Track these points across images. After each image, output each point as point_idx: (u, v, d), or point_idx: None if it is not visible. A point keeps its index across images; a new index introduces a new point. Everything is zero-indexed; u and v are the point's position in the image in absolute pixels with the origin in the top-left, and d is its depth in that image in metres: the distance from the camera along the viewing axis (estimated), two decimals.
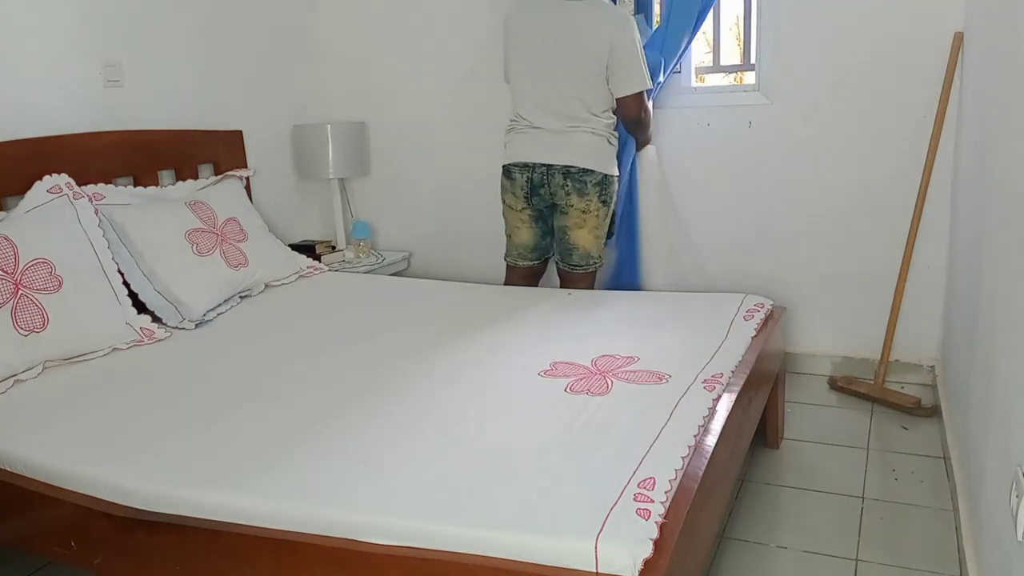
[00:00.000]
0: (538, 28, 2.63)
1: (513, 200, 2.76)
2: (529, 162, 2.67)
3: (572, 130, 2.64)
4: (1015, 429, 1.39)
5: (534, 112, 2.67)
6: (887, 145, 2.82)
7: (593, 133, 2.65)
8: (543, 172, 2.66)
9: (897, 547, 1.97)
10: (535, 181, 2.68)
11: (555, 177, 2.65)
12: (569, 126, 2.64)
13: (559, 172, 2.64)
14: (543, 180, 2.66)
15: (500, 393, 1.77)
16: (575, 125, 2.64)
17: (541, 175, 2.66)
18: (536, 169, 2.66)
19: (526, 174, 2.68)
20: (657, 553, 1.20)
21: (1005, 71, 1.78)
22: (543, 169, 2.66)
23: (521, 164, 2.69)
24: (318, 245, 3.27)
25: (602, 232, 2.75)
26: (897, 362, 2.95)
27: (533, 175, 2.67)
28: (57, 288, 2.07)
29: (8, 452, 1.67)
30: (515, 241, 2.84)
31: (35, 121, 2.38)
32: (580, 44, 2.57)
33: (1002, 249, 1.64)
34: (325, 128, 3.29)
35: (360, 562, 1.32)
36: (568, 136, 2.64)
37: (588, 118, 2.64)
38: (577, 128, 2.64)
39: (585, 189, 2.64)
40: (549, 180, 2.66)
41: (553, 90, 2.63)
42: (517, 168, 2.70)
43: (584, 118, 2.64)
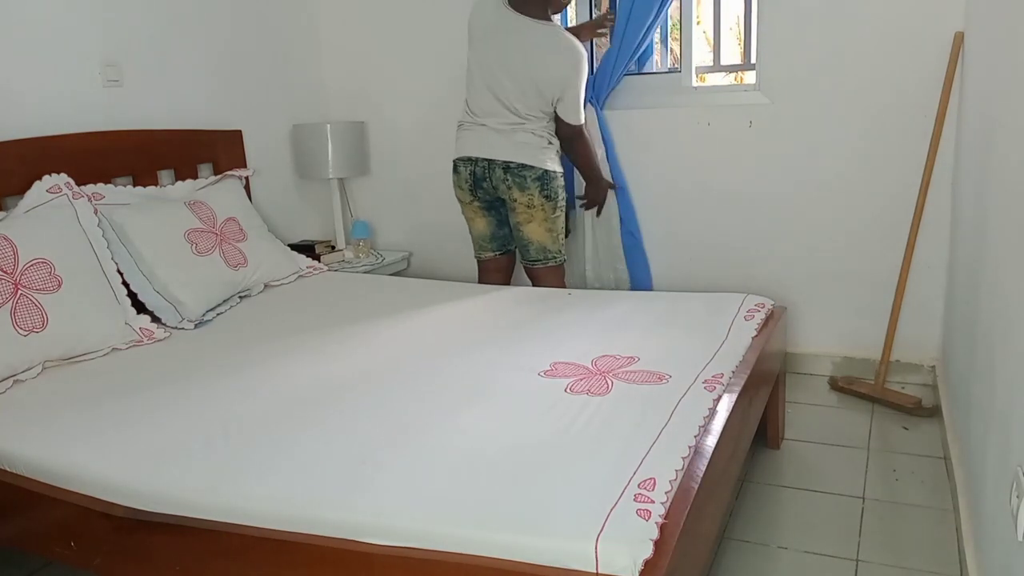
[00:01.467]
0: (498, 38, 2.76)
1: (461, 193, 2.89)
2: (472, 156, 2.80)
3: (514, 129, 2.76)
4: (1015, 429, 1.39)
5: (482, 110, 2.80)
6: (887, 145, 2.82)
7: (533, 133, 2.77)
8: (484, 166, 2.78)
9: (897, 547, 1.97)
10: (477, 175, 2.80)
11: (496, 171, 2.77)
12: (511, 125, 2.76)
13: (499, 167, 2.77)
14: (485, 174, 2.79)
15: (500, 393, 1.77)
16: (517, 124, 2.76)
17: (483, 169, 2.79)
18: (479, 163, 2.79)
19: (469, 167, 2.81)
20: (657, 554, 1.20)
21: (1005, 71, 1.78)
22: (485, 163, 2.78)
23: (465, 158, 2.82)
24: (317, 245, 3.27)
25: (555, 227, 2.85)
26: (897, 362, 2.95)
27: (476, 168, 2.80)
28: (57, 288, 2.07)
29: (8, 452, 1.67)
30: (473, 233, 2.98)
31: (35, 121, 2.38)
32: (534, 70, 2.70)
33: (1002, 249, 1.64)
34: (325, 128, 3.29)
35: (360, 562, 1.32)
36: (509, 134, 2.76)
37: (529, 119, 2.76)
38: (519, 127, 2.76)
39: (525, 183, 2.75)
40: (491, 174, 2.78)
41: (501, 95, 2.75)
42: (462, 162, 2.83)
43: (525, 119, 2.76)
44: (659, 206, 3.15)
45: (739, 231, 3.08)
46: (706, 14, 3.40)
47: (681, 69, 3.11)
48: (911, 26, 2.70)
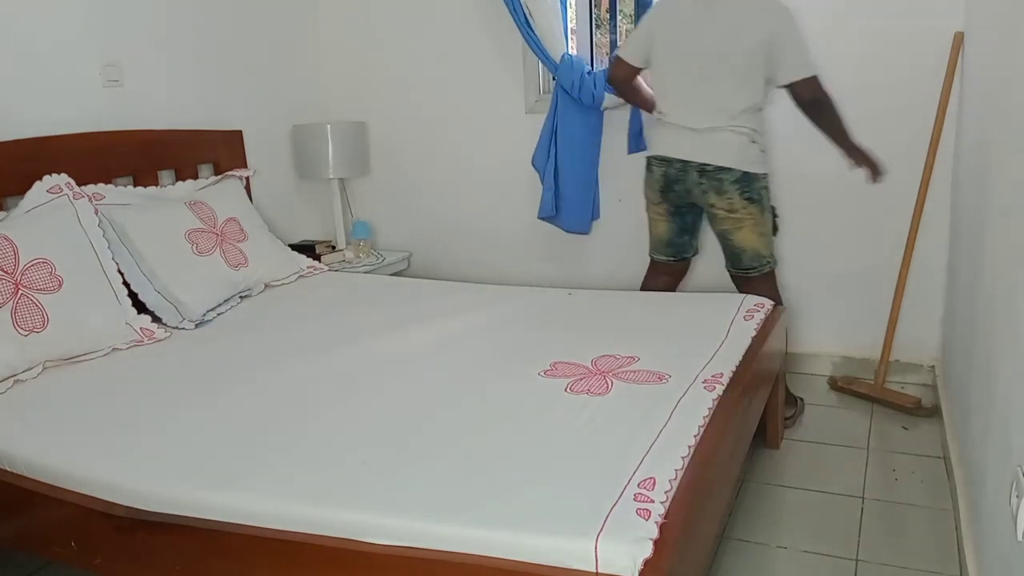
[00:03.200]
0: (693, 25, 2.51)
1: (650, 193, 2.68)
2: (667, 156, 2.58)
3: (713, 129, 2.53)
4: (1015, 429, 1.39)
5: (678, 109, 2.57)
6: (887, 145, 2.81)
7: (734, 131, 2.52)
8: (679, 168, 2.57)
9: (897, 547, 1.97)
10: (670, 176, 2.58)
11: (691, 175, 2.56)
12: (711, 125, 2.53)
13: (695, 170, 2.55)
14: (679, 176, 2.57)
15: (500, 393, 1.77)
16: (719, 123, 2.53)
17: (677, 171, 2.58)
18: (673, 164, 2.58)
19: (662, 168, 2.61)
20: (657, 553, 1.20)
21: (1005, 71, 1.78)
22: (680, 165, 2.57)
23: (660, 158, 2.61)
24: (318, 245, 3.27)
25: (766, 230, 2.60)
26: (897, 362, 2.95)
27: (669, 170, 2.59)
28: (57, 288, 2.07)
29: (8, 452, 1.67)
30: (653, 234, 2.77)
31: (35, 121, 2.38)
32: (740, 42, 2.46)
33: (1002, 249, 1.64)
34: (325, 128, 3.29)
35: (360, 562, 1.32)
36: (708, 134, 2.54)
37: (733, 116, 2.51)
38: (720, 128, 2.53)
39: (722, 187, 2.52)
40: (685, 177, 2.57)
41: (701, 89, 2.51)
42: (656, 161, 2.62)
43: (727, 117, 2.51)
44: None
45: None
46: None
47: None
48: (911, 26, 2.70)
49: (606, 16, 3.23)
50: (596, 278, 3.32)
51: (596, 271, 3.33)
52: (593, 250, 3.32)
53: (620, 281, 3.23)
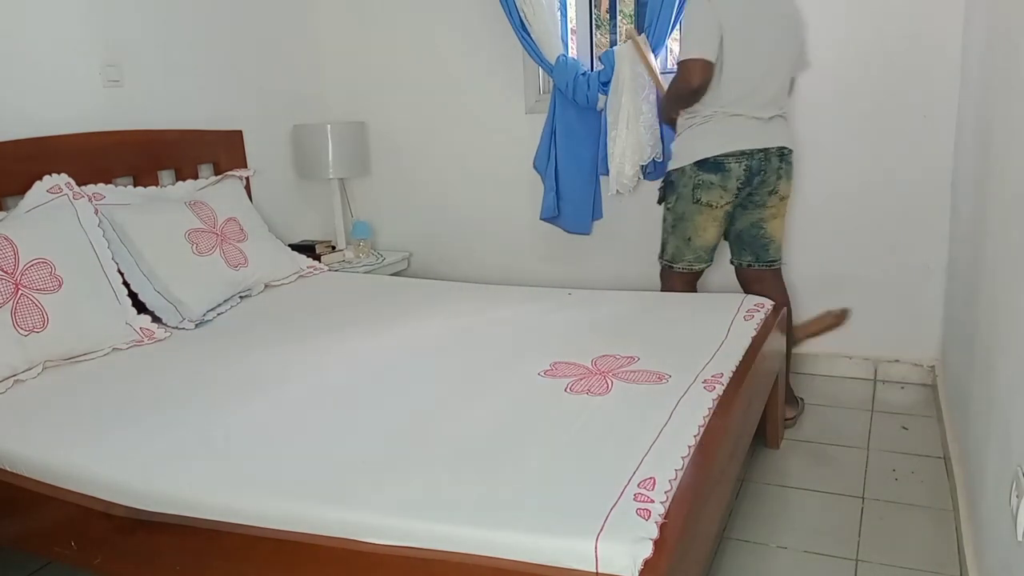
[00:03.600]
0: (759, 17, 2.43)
1: (722, 196, 2.46)
2: (747, 149, 2.42)
3: (775, 118, 2.49)
4: (1015, 429, 1.39)
5: (745, 100, 2.43)
6: (887, 145, 2.82)
7: (784, 118, 2.54)
8: (761, 158, 2.44)
9: (897, 547, 1.97)
10: (753, 169, 2.44)
11: (772, 161, 2.47)
12: (773, 114, 2.49)
13: (775, 156, 2.47)
14: (761, 166, 2.44)
15: (500, 393, 1.77)
16: (777, 113, 2.50)
17: (760, 161, 2.44)
18: (755, 156, 2.43)
19: (744, 162, 2.43)
20: (657, 553, 1.20)
21: (1005, 71, 1.78)
22: (761, 155, 2.44)
23: (740, 152, 2.42)
24: (318, 245, 3.27)
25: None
26: (897, 362, 2.96)
27: (752, 163, 2.43)
28: (57, 288, 2.07)
29: (8, 452, 1.67)
30: (698, 243, 2.57)
31: (35, 121, 2.38)
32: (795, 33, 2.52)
33: (1002, 249, 1.65)
34: (325, 128, 3.29)
35: (360, 562, 1.32)
36: (773, 122, 2.49)
37: (782, 104, 2.53)
38: (777, 115, 2.50)
39: (791, 172, 2.52)
40: (766, 166, 2.45)
41: (766, 80, 2.44)
42: (734, 158, 2.42)
43: (781, 105, 2.52)
44: (659, 206, 3.14)
45: None
46: None
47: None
48: (911, 27, 2.70)
49: (606, 16, 3.23)
50: (597, 278, 3.32)
51: (597, 271, 3.33)
52: (593, 250, 3.32)
53: (620, 281, 3.23)
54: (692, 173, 2.47)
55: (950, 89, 2.68)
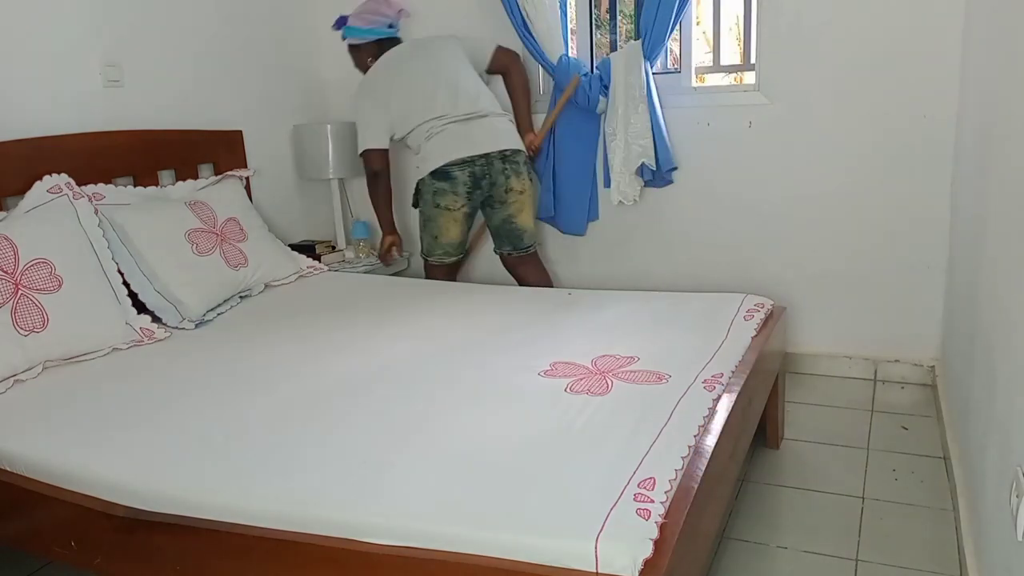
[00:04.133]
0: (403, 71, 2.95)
1: (453, 200, 2.81)
2: (468, 156, 2.74)
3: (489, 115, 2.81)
4: (1015, 429, 1.39)
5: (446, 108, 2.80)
6: (887, 145, 2.82)
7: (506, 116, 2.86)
8: (483, 163, 2.75)
9: (897, 547, 1.97)
10: (477, 175, 2.75)
11: (495, 164, 2.76)
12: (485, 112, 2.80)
13: (497, 158, 2.76)
14: (485, 171, 2.76)
15: (500, 393, 1.77)
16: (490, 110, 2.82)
17: (482, 167, 2.75)
18: (476, 162, 2.75)
19: (467, 169, 2.75)
20: (657, 553, 1.20)
21: (1005, 71, 1.78)
22: (482, 160, 2.75)
23: (460, 161, 2.75)
24: (318, 245, 3.27)
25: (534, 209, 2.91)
26: (897, 362, 2.96)
27: (475, 169, 2.75)
28: (57, 288, 2.07)
29: (8, 452, 1.67)
30: (443, 240, 2.92)
31: (35, 121, 2.38)
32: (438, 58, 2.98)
33: (1002, 249, 1.64)
34: (325, 128, 3.29)
35: (360, 562, 1.32)
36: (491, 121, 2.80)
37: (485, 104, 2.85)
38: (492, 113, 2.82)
39: (519, 169, 2.80)
40: (490, 170, 2.76)
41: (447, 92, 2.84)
42: (457, 166, 2.76)
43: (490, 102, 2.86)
44: (659, 206, 3.15)
45: (739, 231, 3.08)
46: (706, 14, 3.40)
47: (681, 69, 3.11)
48: (911, 26, 2.70)
49: (606, 16, 3.23)
50: (596, 278, 3.32)
51: (596, 271, 3.33)
52: (593, 250, 3.32)
53: (620, 281, 3.24)
54: (429, 182, 2.83)
55: (950, 89, 2.68)
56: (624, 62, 2.91)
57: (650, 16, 2.85)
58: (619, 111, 2.94)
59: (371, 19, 2.95)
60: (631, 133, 2.92)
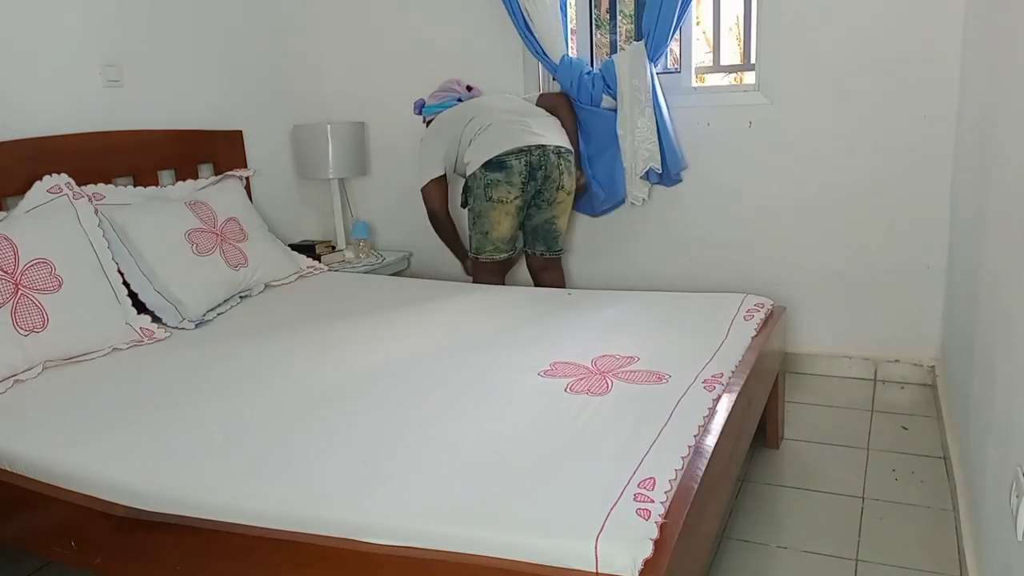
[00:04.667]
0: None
1: (508, 191, 2.76)
2: (525, 146, 2.73)
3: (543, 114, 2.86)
4: (1015, 429, 1.39)
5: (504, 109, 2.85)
6: (887, 145, 2.82)
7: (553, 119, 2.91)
8: (539, 154, 2.75)
9: (897, 547, 1.97)
10: (533, 164, 2.74)
11: (550, 157, 2.76)
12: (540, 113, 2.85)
13: (552, 152, 2.76)
14: (540, 162, 2.74)
15: (500, 393, 1.77)
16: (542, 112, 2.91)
17: (538, 157, 2.74)
18: (532, 152, 2.74)
19: (523, 159, 2.73)
20: (657, 553, 1.20)
21: (1005, 71, 1.78)
22: (539, 151, 2.75)
23: (517, 150, 2.73)
24: (318, 245, 3.27)
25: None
26: (897, 362, 2.96)
27: (531, 158, 2.73)
28: (57, 288, 2.07)
29: (8, 452, 1.67)
30: (495, 235, 2.86)
31: (35, 121, 2.38)
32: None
33: (1002, 249, 1.64)
34: (325, 128, 3.29)
35: (361, 562, 1.32)
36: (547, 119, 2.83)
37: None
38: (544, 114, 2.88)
39: (571, 168, 2.82)
40: (545, 162, 2.75)
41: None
42: (514, 155, 2.72)
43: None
44: (659, 206, 3.15)
45: (739, 231, 3.08)
46: (706, 14, 3.40)
47: (681, 69, 3.11)
48: (911, 26, 2.70)
49: (606, 16, 3.22)
50: (596, 278, 3.32)
51: (596, 271, 3.33)
52: (593, 250, 3.32)
53: (620, 281, 3.24)
54: (481, 175, 2.78)
55: (950, 89, 2.68)
56: (628, 64, 2.90)
57: (652, 17, 2.85)
58: (626, 114, 2.93)
59: (443, 95, 3.06)
60: (638, 137, 2.92)
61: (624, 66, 2.91)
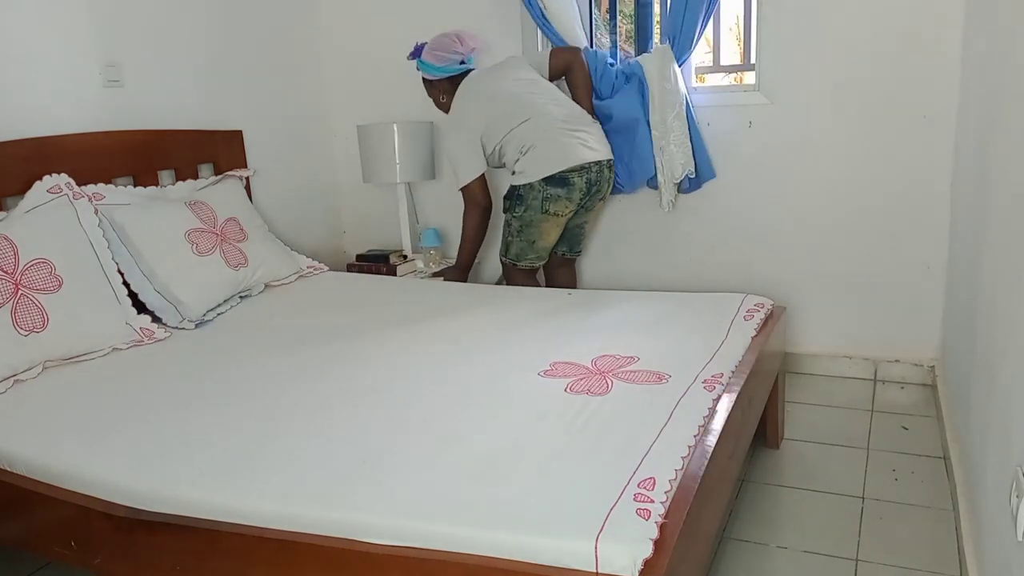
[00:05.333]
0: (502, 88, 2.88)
1: (566, 206, 2.77)
2: (586, 163, 2.76)
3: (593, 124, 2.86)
4: (1015, 429, 1.39)
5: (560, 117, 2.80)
6: (887, 145, 2.82)
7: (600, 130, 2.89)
8: (598, 170, 2.79)
9: (897, 547, 1.97)
10: (592, 180, 2.78)
11: (604, 172, 2.82)
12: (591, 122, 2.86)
13: (606, 166, 2.83)
14: (599, 178, 2.80)
15: (500, 393, 1.77)
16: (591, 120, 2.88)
17: (596, 173, 2.79)
18: (592, 169, 2.77)
19: (585, 176, 2.76)
20: (657, 553, 1.20)
21: (1005, 71, 1.78)
22: (597, 167, 2.79)
23: (580, 167, 2.74)
24: (392, 255, 3.23)
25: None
26: (897, 362, 2.96)
27: (590, 175, 2.77)
28: (57, 288, 2.07)
29: (8, 452, 1.67)
30: (541, 244, 2.86)
31: (35, 121, 2.38)
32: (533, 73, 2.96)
33: (1002, 249, 1.64)
34: (392, 128, 3.16)
35: (360, 562, 1.32)
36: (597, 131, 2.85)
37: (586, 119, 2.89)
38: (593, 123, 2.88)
39: (612, 179, 2.89)
40: (601, 177, 2.81)
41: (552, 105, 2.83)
42: (576, 172, 2.74)
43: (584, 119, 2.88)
44: (659, 206, 3.14)
45: (739, 231, 3.08)
46: None
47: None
48: (911, 26, 2.70)
49: (606, 16, 3.22)
50: (596, 278, 3.32)
51: (596, 271, 3.33)
52: (593, 250, 3.32)
53: (620, 281, 3.24)
54: (540, 188, 2.75)
55: (950, 89, 2.68)
56: (658, 67, 2.87)
57: (677, 20, 2.83)
58: (658, 119, 2.89)
59: (445, 57, 2.92)
60: (673, 141, 2.91)
61: (653, 69, 2.89)
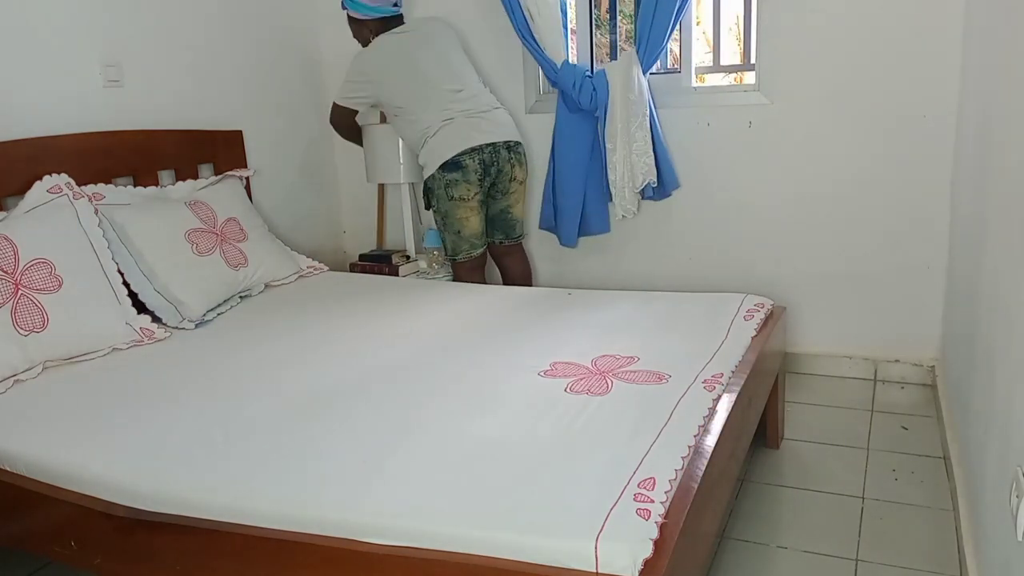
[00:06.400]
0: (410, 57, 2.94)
1: (467, 190, 2.83)
2: (477, 145, 2.80)
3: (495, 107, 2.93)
4: (1015, 429, 1.39)
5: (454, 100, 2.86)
6: (887, 145, 2.82)
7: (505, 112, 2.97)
8: (490, 152, 2.83)
9: (897, 547, 1.97)
10: (486, 162, 2.82)
11: (501, 153, 2.84)
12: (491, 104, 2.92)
13: (503, 147, 2.85)
14: (492, 159, 2.83)
15: (500, 393, 1.77)
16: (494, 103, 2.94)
17: (489, 154, 2.82)
18: (484, 150, 2.82)
19: (477, 158, 2.81)
20: (657, 553, 1.20)
21: (1005, 70, 1.78)
22: (489, 149, 2.82)
23: (469, 150, 2.80)
24: (394, 255, 3.25)
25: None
26: (897, 362, 2.96)
27: (483, 156, 2.81)
28: (57, 288, 2.07)
29: (8, 452, 1.67)
30: (466, 233, 2.92)
31: (35, 121, 2.38)
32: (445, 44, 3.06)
33: (1002, 249, 1.64)
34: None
35: (361, 562, 1.32)
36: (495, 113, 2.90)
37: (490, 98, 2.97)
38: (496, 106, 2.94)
39: (522, 159, 2.93)
40: (497, 158, 2.84)
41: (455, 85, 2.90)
42: (467, 155, 2.80)
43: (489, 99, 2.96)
44: (659, 206, 3.14)
45: (739, 231, 3.08)
46: (706, 14, 3.41)
47: (681, 69, 3.11)
48: (911, 26, 2.70)
49: (606, 16, 3.23)
50: (596, 278, 3.32)
51: (596, 271, 3.33)
52: (593, 250, 3.32)
53: (620, 281, 3.24)
54: (440, 176, 2.82)
55: (950, 89, 2.68)
56: (621, 74, 2.88)
57: (646, 22, 2.82)
58: (619, 126, 2.91)
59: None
60: (635, 150, 2.90)
61: (616, 77, 2.89)
